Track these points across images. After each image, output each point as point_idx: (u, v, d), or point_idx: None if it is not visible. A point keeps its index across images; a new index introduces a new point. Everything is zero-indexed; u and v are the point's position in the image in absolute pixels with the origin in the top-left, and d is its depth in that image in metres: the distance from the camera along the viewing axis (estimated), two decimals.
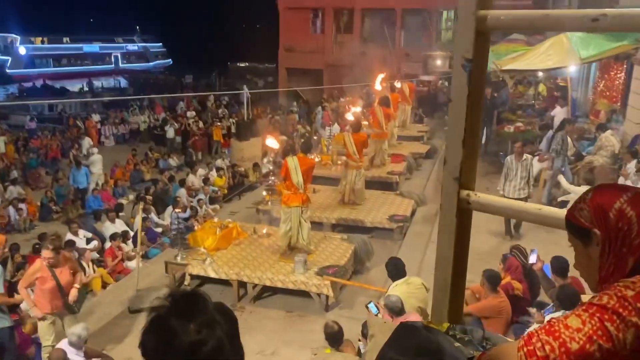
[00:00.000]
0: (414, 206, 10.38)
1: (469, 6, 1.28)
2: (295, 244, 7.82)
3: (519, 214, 1.37)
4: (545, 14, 1.22)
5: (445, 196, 1.42)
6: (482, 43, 1.33)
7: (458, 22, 1.32)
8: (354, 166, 10.18)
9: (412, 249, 8.57)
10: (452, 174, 1.39)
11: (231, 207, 12.30)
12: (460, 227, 1.43)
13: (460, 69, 1.32)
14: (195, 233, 8.22)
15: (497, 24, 1.31)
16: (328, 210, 9.95)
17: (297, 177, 7.59)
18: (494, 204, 1.39)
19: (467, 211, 1.43)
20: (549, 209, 1.31)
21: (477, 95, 1.34)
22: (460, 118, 1.34)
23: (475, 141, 1.39)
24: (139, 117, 22.91)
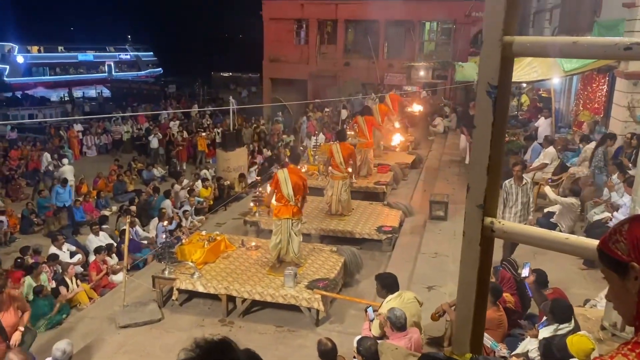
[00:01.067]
0: (401, 217, 10.38)
1: (495, 32, 1.26)
2: (284, 256, 7.75)
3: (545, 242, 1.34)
4: (573, 42, 1.20)
5: (469, 224, 1.39)
6: (506, 69, 1.30)
7: (483, 47, 1.29)
8: (340, 177, 10.16)
9: (402, 261, 8.56)
10: (476, 201, 1.36)
11: (217, 218, 12.18)
12: (484, 255, 1.40)
13: (485, 96, 1.29)
14: (183, 246, 8.10)
15: (523, 50, 1.29)
16: (316, 221, 9.91)
17: (287, 189, 7.55)
18: (519, 231, 1.36)
19: (490, 239, 1.40)
20: (577, 238, 1.29)
21: (501, 122, 1.32)
22: (485, 145, 1.31)
23: (498, 168, 1.37)
24: (122, 127, 22.64)
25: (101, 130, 22.74)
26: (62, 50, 51.34)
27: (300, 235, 7.81)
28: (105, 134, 22.61)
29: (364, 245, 9.40)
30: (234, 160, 15.06)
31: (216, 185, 14.65)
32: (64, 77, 49.74)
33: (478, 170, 1.32)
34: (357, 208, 10.67)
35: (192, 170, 17.63)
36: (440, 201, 10.22)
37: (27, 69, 48.11)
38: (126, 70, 54.70)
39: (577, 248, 1.27)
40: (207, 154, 19.93)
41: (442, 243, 9.01)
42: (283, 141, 20.35)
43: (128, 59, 55.91)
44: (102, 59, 53.69)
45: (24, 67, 47.85)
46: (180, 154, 19.54)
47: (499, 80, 1.26)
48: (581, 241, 1.26)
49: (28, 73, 48.07)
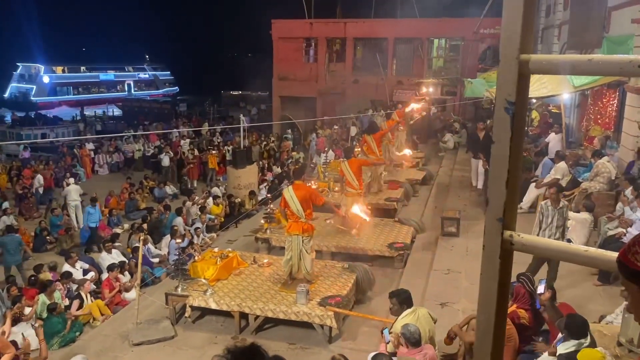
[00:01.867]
0: (413, 233, 10.38)
1: (512, 51, 1.30)
2: (296, 273, 7.76)
3: (563, 255, 1.36)
4: (588, 59, 1.24)
5: (488, 237, 1.42)
6: (523, 85, 1.34)
7: (500, 65, 1.34)
8: (354, 194, 10.20)
9: (414, 277, 8.54)
10: (496, 214, 1.39)
11: (228, 235, 12.25)
12: (503, 267, 1.42)
13: (503, 112, 1.33)
14: (196, 263, 8.16)
15: (539, 68, 1.33)
16: (327, 238, 9.92)
17: (296, 205, 7.60)
18: (537, 244, 1.39)
19: (509, 252, 1.43)
20: (596, 250, 1.31)
21: (518, 136, 1.35)
22: (504, 160, 1.34)
23: (516, 182, 1.40)
24: (133, 145, 22.89)
25: (113, 149, 22.99)
26: (85, 70, 53.45)
27: (312, 252, 7.81)
28: (117, 153, 22.85)
29: (376, 262, 9.38)
30: (244, 177, 15.16)
31: (227, 202, 14.74)
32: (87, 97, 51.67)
33: (497, 185, 1.35)
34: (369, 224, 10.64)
35: (203, 188, 17.75)
36: (452, 217, 10.20)
37: (52, 88, 50.08)
38: (144, 89, 56.56)
39: (596, 260, 1.30)
40: (218, 171, 20.06)
41: (455, 260, 8.97)
42: (292, 158, 20.46)
43: (146, 78, 57.81)
44: (122, 79, 55.59)
45: (49, 87, 49.81)
46: (191, 172, 19.69)
47: (516, 96, 1.30)
48: (601, 253, 1.28)
49: (53, 92, 50.02)
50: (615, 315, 5.73)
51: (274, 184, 17.28)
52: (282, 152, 22.04)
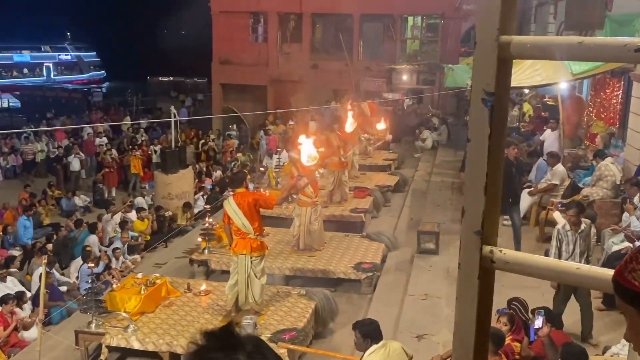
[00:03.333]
0: (384, 251, 10.49)
1: (490, 31, 1.34)
2: (242, 304, 7.72)
3: (553, 273, 1.41)
4: (579, 42, 1.29)
5: (465, 254, 1.45)
6: (504, 73, 1.39)
7: (477, 49, 1.38)
8: (309, 203, 10.22)
9: (385, 305, 8.62)
10: (473, 226, 1.42)
11: (156, 257, 12.10)
12: (483, 290, 1.46)
13: (481, 105, 1.37)
14: (114, 293, 8.04)
15: (522, 52, 1.37)
16: (280, 259, 9.92)
17: (240, 219, 7.60)
18: (523, 262, 1.43)
19: (490, 271, 1.47)
20: (589, 268, 1.36)
21: (499, 134, 1.39)
22: (481, 161, 1.38)
23: (497, 188, 1.44)
24: (35, 145, 22.26)
25: (8, 150, 22.29)
26: None
27: (263, 276, 7.82)
28: (13, 154, 22.16)
29: (340, 287, 9.42)
30: (176, 184, 14.98)
31: (154, 216, 14.53)
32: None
33: (474, 191, 1.39)
34: (330, 241, 10.71)
35: (123, 198, 17.42)
36: (430, 231, 10.36)
37: None
38: (66, 74, 55.45)
39: (589, 279, 1.35)
40: (143, 177, 19.76)
41: (434, 282, 9.11)
42: (238, 160, 20.35)
43: (68, 60, 56.62)
44: (39, 60, 54.19)
45: None
46: (108, 178, 19.31)
47: (495, 86, 1.34)
48: (594, 271, 1.33)
49: None
50: (622, 346, 5.94)
51: (214, 192, 17.11)
52: (225, 153, 21.89)
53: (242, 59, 27.59)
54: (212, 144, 22.68)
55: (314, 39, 28.08)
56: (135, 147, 21.32)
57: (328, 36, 27.70)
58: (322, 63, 26.92)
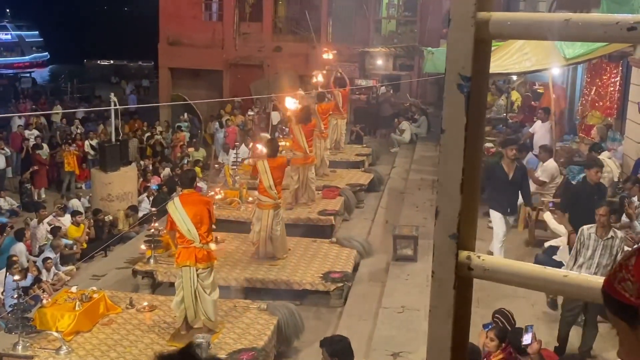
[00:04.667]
0: (356, 258, 10.54)
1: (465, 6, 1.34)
2: (193, 321, 7.67)
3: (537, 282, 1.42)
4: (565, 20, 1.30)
5: (439, 260, 1.46)
6: (482, 55, 1.39)
7: (450, 28, 1.38)
8: (271, 205, 10.19)
9: (357, 319, 8.66)
10: (448, 229, 1.42)
11: (93, 268, 12.01)
12: (460, 300, 1.46)
13: (456, 91, 1.37)
14: (44, 309, 7.98)
15: (502, 30, 1.37)
16: (237, 268, 9.90)
17: (185, 224, 7.54)
18: (504, 269, 1.44)
19: (467, 279, 1.47)
20: (578, 276, 1.37)
21: (477, 124, 1.39)
22: (457, 155, 1.38)
23: (475, 185, 1.44)
24: None
25: None
26: None
27: (214, 291, 7.79)
28: None
29: (306, 300, 9.44)
30: (117, 184, 14.83)
31: (92, 220, 14.34)
32: None
33: (449, 189, 1.39)
34: (295, 248, 10.72)
35: (56, 200, 17.14)
36: (407, 236, 10.43)
37: None
38: (6, 55, 55.09)
39: (578, 288, 1.36)
40: (78, 175, 19.49)
41: (411, 293, 9.17)
42: (190, 156, 20.20)
43: (9, 40, 56.14)
44: None
45: None
46: (38, 177, 18.98)
47: (472, 69, 1.34)
48: (584, 279, 1.34)
49: None
50: None
51: (161, 193, 16.95)
52: (174, 148, 21.70)
53: (193, 39, 27.36)
54: (159, 137, 22.42)
55: (276, 18, 28.02)
56: (69, 141, 20.98)
57: (293, 14, 27.68)
58: (286, 45, 26.88)
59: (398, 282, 9.62)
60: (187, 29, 27.31)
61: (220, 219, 10.69)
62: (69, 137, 21.69)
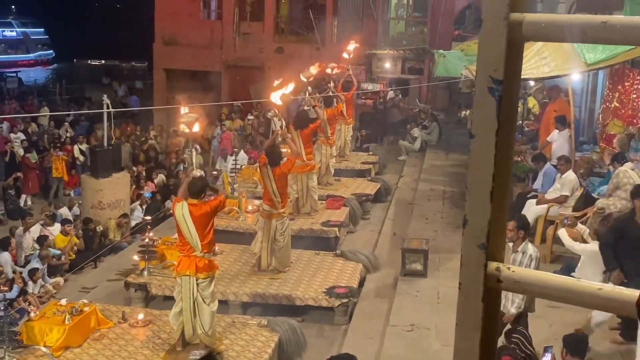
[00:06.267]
0: (362, 273, 10.54)
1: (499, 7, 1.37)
2: (190, 337, 7.68)
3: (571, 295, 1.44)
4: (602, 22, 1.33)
5: (467, 272, 1.48)
6: (514, 58, 1.41)
7: (483, 29, 1.40)
8: (275, 214, 10.20)
9: (363, 337, 8.65)
10: (477, 239, 1.45)
11: (83, 280, 12.03)
12: (488, 314, 1.49)
13: (487, 94, 1.40)
14: (32, 323, 8.01)
15: (536, 32, 1.40)
16: (236, 282, 9.90)
17: (189, 229, 7.57)
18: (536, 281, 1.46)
19: (496, 292, 1.49)
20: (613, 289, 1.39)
21: (509, 129, 1.42)
22: (487, 161, 1.41)
23: (505, 193, 1.47)
24: None
25: None
26: None
27: (213, 302, 7.79)
28: None
29: (308, 316, 9.46)
30: (109, 191, 14.83)
31: (81, 229, 14.34)
32: None
33: (478, 197, 1.41)
34: (298, 261, 10.73)
35: (43, 208, 17.15)
36: (416, 249, 10.42)
37: None
38: (11, 53, 56.82)
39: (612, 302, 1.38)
40: (67, 182, 19.51)
41: (421, 310, 9.16)
42: (185, 162, 20.21)
43: (14, 37, 57.88)
44: None
45: None
46: (25, 183, 19.00)
47: (504, 72, 1.37)
48: (619, 293, 1.36)
49: None
50: None
51: (155, 201, 16.98)
52: (169, 154, 21.72)
53: (191, 39, 27.45)
54: (153, 142, 22.47)
55: (278, 17, 28.10)
56: (57, 145, 21.01)
57: (296, 14, 27.74)
58: (289, 46, 26.94)
59: (407, 298, 9.60)
60: (184, 28, 27.39)
61: (218, 229, 10.67)
62: (57, 141, 21.73)
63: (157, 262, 10.30)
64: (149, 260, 10.18)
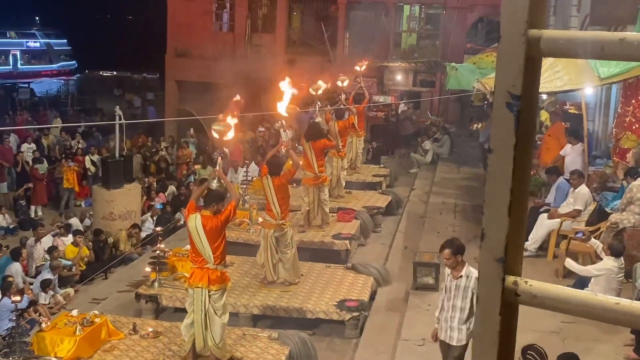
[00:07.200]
0: (373, 286, 10.51)
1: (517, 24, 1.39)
2: (201, 349, 7.68)
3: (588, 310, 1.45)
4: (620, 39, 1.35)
5: (485, 286, 1.49)
6: (532, 73, 1.44)
7: (500, 45, 1.43)
8: (273, 225, 10.19)
9: (374, 352, 8.63)
10: (494, 253, 1.46)
11: (94, 291, 12.08)
12: (505, 328, 1.50)
13: (505, 109, 1.42)
14: (43, 333, 8.03)
15: (554, 48, 1.42)
16: (247, 294, 9.90)
17: (201, 242, 7.58)
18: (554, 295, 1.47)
19: (513, 306, 1.50)
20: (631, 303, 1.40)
21: (526, 143, 1.44)
22: (505, 176, 1.43)
23: (523, 207, 1.48)
24: None
25: None
26: None
27: (225, 314, 7.79)
28: None
29: (319, 329, 9.43)
30: (120, 202, 14.90)
31: (92, 241, 14.41)
32: None
33: (496, 211, 1.43)
34: (308, 273, 10.73)
35: (54, 219, 17.25)
36: (428, 263, 10.40)
37: None
38: (34, 63, 57.85)
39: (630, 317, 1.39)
40: (78, 193, 19.60)
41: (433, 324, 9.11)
42: (197, 174, 20.29)
43: (37, 47, 58.76)
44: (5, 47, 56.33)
45: None
46: (34, 194, 19.09)
47: (522, 87, 1.39)
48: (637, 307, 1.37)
49: None
50: None
51: (165, 212, 17.04)
52: (180, 165, 21.82)
53: (202, 51, 27.60)
54: (164, 153, 22.57)
55: (290, 30, 28.20)
56: (69, 156, 21.12)
57: (307, 26, 27.84)
58: (300, 58, 26.96)
59: (418, 312, 9.57)
60: (196, 39, 27.58)
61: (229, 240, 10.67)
62: (69, 152, 21.85)
63: (168, 274, 10.31)
64: (160, 271, 10.20)
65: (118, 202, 14.90)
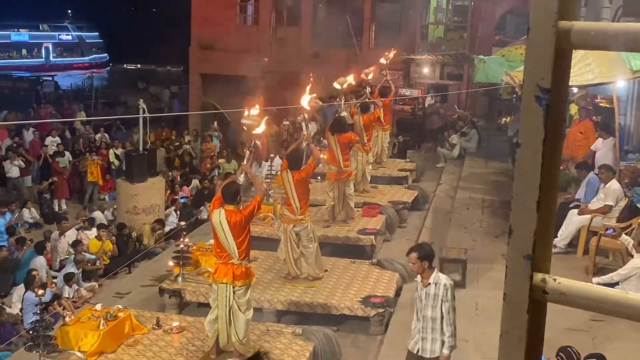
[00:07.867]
0: (398, 282, 10.47)
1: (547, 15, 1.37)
2: (224, 345, 7.72)
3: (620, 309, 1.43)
4: None
5: (512, 283, 1.48)
6: (562, 66, 1.42)
7: (530, 37, 1.41)
8: (291, 220, 10.20)
9: (400, 348, 8.57)
10: (522, 250, 1.45)
11: (118, 285, 12.13)
12: (533, 326, 1.49)
13: (534, 103, 1.40)
14: (67, 327, 8.07)
15: (585, 40, 1.40)
16: (270, 290, 9.92)
17: (226, 236, 7.61)
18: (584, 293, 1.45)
19: (541, 304, 1.49)
20: None
21: (556, 138, 1.42)
22: (534, 171, 1.41)
23: (552, 203, 1.47)
24: None
25: None
26: None
27: (249, 310, 7.82)
28: None
29: (344, 325, 9.42)
30: (144, 196, 14.99)
31: (116, 234, 14.52)
32: None
33: (524, 207, 1.42)
34: (333, 269, 10.72)
35: (78, 212, 17.40)
36: (455, 259, 10.35)
37: None
38: (66, 56, 59.83)
39: None
40: (102, 186, 19.77)
41: (459, 322, 9.00)
42: (221, 168, 20.37)
43: (69, 40, 60.60)
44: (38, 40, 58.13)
45: None
46: (58, 187, 19.26)
47: (552, 81, 1.37)
48: None
49: None
50: None
51: (188, 206, 17.13)
52: (204, 159, 21.92)
53: (227, 44, 27.66)
54: (187, 147, 22.68)
55: (315, 22, 28.16)
56: (93, 149, 21.31)
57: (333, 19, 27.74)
58: (325, 51, 26.98)
59: None
60: (220, 32, 27.62)
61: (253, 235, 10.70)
62: (93, 146, 22.03)
63: (192, 268, 10.34)
64: (184, 266, 10.22)
65: (142, 195, 14.98)
